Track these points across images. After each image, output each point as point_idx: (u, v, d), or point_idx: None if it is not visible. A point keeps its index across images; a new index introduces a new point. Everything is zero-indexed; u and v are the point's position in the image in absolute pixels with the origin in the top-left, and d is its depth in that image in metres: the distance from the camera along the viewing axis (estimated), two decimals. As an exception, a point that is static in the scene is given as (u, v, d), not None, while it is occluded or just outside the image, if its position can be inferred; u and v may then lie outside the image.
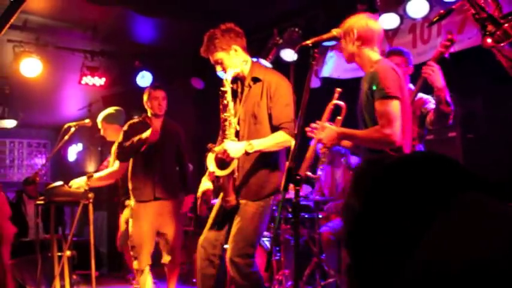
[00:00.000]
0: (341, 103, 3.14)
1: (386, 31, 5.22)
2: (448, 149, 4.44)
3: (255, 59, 3.83)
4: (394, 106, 2.82)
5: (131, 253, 4.75)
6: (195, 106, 7.63)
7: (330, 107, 3.13)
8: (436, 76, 3.47)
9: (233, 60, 3.52)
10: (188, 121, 5.34)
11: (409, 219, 0.83)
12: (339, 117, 3.13)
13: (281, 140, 3.37)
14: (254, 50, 6.12)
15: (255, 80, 3.52)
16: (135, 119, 4.96)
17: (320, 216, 5.14)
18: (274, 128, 3.43)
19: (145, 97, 4.85)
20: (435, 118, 3.66)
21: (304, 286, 5.06)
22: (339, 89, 3.13)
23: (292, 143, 3.35)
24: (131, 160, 4.83)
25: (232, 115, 3.43)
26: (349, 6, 5.62)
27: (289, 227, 5.18)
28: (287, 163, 2.52)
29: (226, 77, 3.46)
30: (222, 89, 3.41)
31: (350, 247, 0.92)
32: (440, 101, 3.53)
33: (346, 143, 3.20)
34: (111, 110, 5.38)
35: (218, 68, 3.58)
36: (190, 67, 7.23)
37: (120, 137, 4.82)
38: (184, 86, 7.24)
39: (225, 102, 3.41)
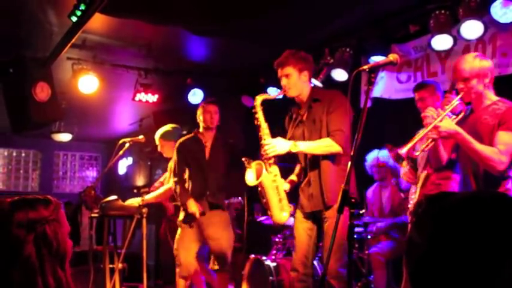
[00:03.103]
0: (464, 102, 3.15)
1: (438, 52, 5.19)
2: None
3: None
4: None
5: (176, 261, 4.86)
6: (245, 124, 7.69)
7: (455, 102, 3.11)
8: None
9: (298, 83, 3.74)
10: (238, 139, 5.40)
11: (478, 262, 0.82)
12: (454, 116, 3.15)
13: (324, 144, 3.55)
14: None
15: (315, 100, 3.71)
16: (186, 135, 5.06)
17: (369, 237, 5.11)
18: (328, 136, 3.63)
19: (198, 111, 4.97)
20: None
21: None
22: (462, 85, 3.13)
23: (336, 149, 3.50)
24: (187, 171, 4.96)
25: (266, 134, 3.67)
26: (400, 27, 5.61)
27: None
28: (342, 185, 2.53)
29: (290, 94, 3.75)
30: (253, 110, 3.73)
31: (414, 285, 0.92)
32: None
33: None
34: (168, 127, 5.45)
35: (283, 81, 3.74)
36: (241, 85, 7.36)
37: (175, 157, 4.93)
38: (235, 104, 7.34)
39: (258, 123, 3.70)
